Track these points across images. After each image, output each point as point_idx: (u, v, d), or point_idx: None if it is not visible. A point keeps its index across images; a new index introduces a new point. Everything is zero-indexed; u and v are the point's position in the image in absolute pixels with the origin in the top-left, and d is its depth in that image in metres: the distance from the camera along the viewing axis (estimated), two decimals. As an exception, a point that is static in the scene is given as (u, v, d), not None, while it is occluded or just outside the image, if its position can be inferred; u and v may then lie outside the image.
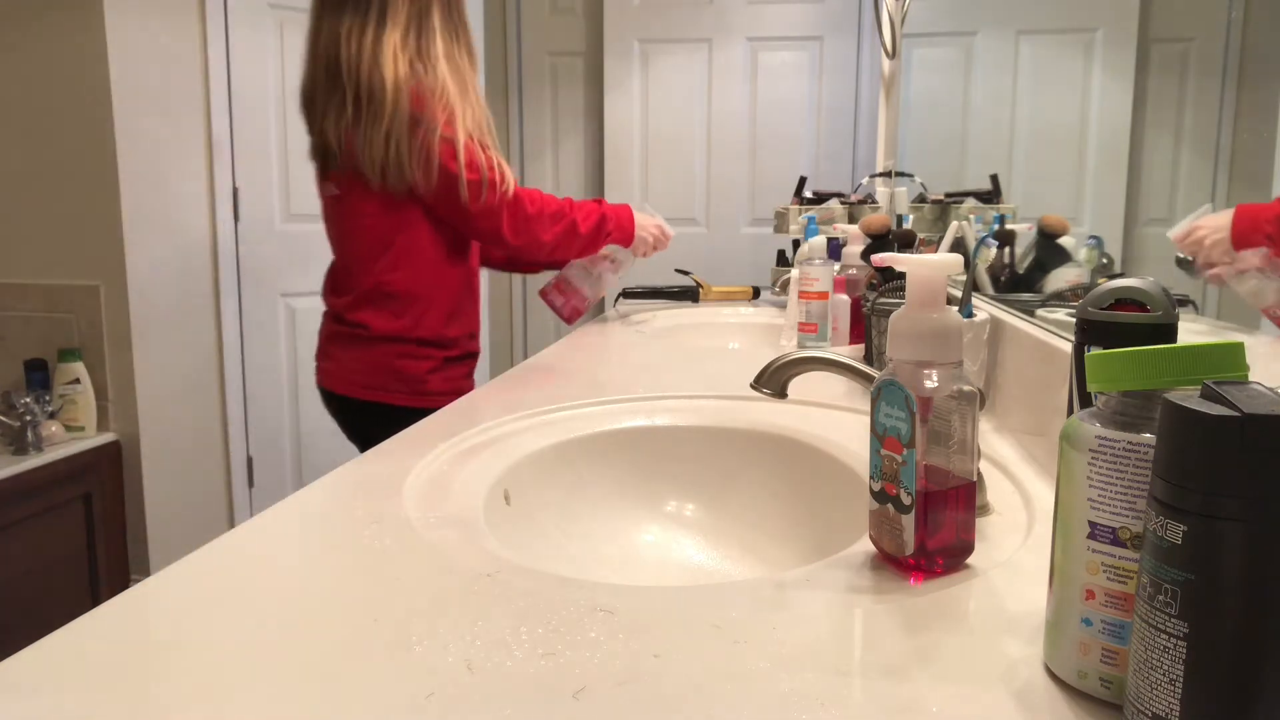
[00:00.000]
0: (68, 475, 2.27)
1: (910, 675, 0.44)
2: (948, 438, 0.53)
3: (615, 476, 0.91)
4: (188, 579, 0.56)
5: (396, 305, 1.44)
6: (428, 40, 1.38)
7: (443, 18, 1.41)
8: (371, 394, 1.46)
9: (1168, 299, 0.49)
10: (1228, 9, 0.66)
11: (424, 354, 1.46)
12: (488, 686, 0.43)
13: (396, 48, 1.35)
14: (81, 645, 0.47)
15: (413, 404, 1.43)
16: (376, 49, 1.34)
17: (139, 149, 2.40)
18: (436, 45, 1.39)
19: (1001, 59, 1.27)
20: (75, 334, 2.41)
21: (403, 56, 1.35)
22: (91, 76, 2.33)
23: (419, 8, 1.38)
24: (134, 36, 2.37)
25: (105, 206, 2.37)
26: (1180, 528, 0.33)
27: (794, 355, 0.72)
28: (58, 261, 2.41)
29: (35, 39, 2.34)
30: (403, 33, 1.36)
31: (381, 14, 1.36)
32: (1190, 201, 0.69)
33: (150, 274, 2.45)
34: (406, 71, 1.35)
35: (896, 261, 0.58)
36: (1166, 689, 0.34)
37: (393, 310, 1.44)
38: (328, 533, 0.63)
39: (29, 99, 2.37)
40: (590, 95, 3.27)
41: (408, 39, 1.37)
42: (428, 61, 1.37)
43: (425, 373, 1.46)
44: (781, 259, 2.28)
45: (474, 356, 1.56)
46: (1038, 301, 0.98)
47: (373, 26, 1.35)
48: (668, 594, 0.54)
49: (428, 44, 1.38)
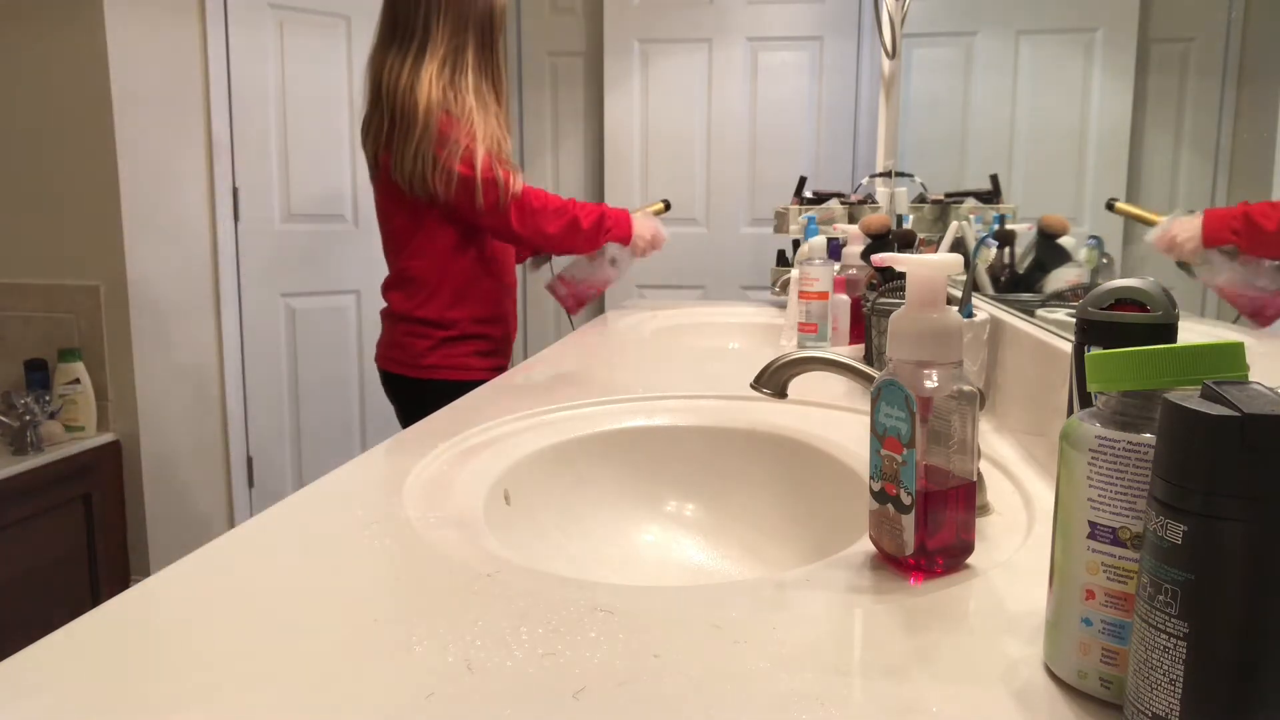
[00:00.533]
0: (68, 475, 2.27)
1: (910, 675, 0.44)
2: (948, 438, 0.53)
3: (615, 476, 0.91)
4: (188, 579, 0.56)
5: (411, 289, 1.66)
6: (460, 73, 1.58)
7: (476, 55, 1.61)
8: (387, 364, 1.70)
9: (1168, 299, 0.49)
10: (1228, 9, 0.66)
11: (423, 332, 1.65)
12: (488, 686, 0.43)
13: (433, 77, 1.55)
14: (81, 645, 0.47)
15: (410, 374, 1.66)
16: (414, 77, 1.55)
17: (139, 149, 2.40)
18: (468, 78, 1.59)
19: (1001, 59, 1.27)
20: (75, 334, 2.41)
21: (437, 85, 1.55)
22: (91, 76, 2.33)
23: (456, 44, 1.58)
24: (134, 36, 2.37)
25: (105, 206, 2.37)
26: (1180, 528, 0.33)
27: (794, 355, 0.72)
28: (58, 261, 2.41)
29: (35, 39, 2.34)
30: (439, 65, 1.56)
31: (422, 48, 1.57)
32: (1190, 201, 0.69)
33: (150, 274, 2.45)
34: (439, 98, 1.54)
35: (896, 261, 0.58)
36: (1166, 689, 0.34)
37: (407, 293, 1.66)
38: (328, 533, 0.63)
39: (29, 99, 2.37)
40: (590, 95, 3.27)
41: (443, 70, 1.57)
42: (459, 91, 1.57)
43: (424, 349, 1.65)
44: (781, 259, 2.28)
45: (481, 339, 1.70)
46: (1038, 301, 0.98)
47: (413, 58, 1.56)
48: (668, 594, 0.54)
49: (460, 76, 1.58)
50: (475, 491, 0.75)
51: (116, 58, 2.33)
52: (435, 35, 1.56)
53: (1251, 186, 0.61)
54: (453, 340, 1.66)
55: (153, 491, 2.51)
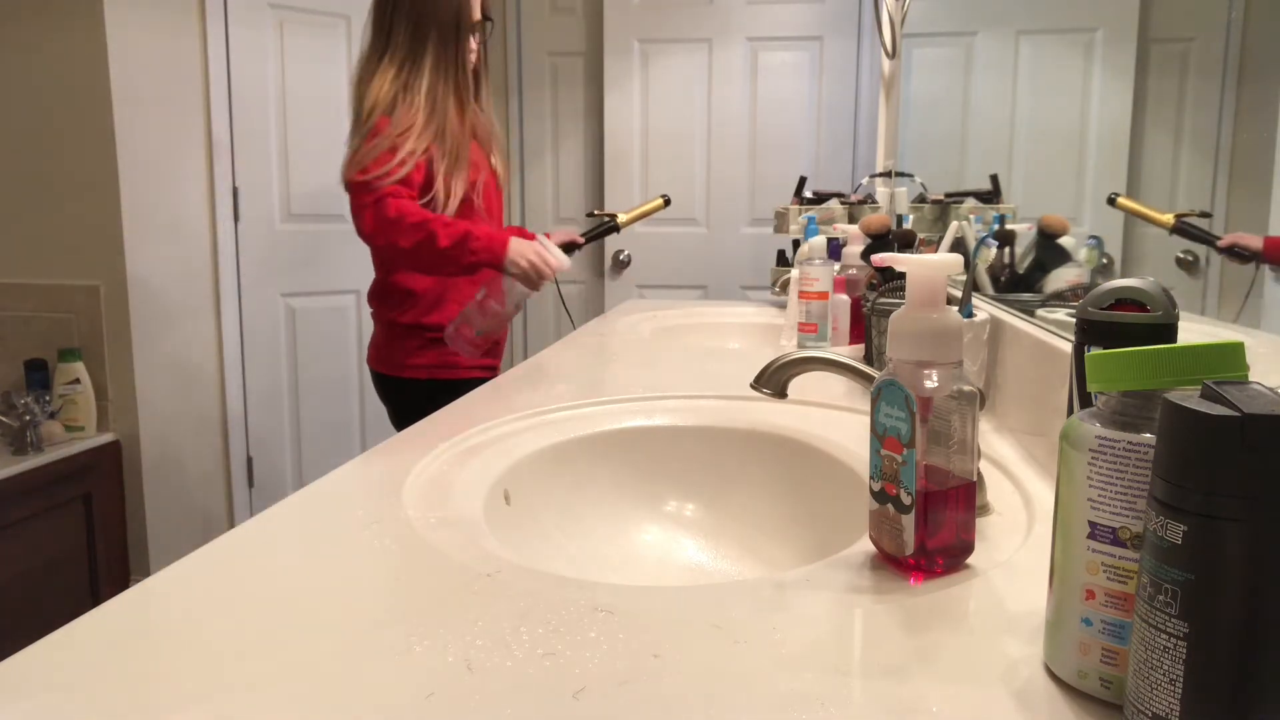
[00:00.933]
0: (68, 475, 2.27)
1: (910, 675, 0.44)
2: (948, 438, 0.53)
3: (615, 476, 0.91)
4: (188, 579, 0.56)
5: (392, 299, 1.71)
6: (416, 76, 1.60)
7: (436, 58, 1.62)
8: (377, 364, 1.76)
9: (1168, 299, 0.49)
10: (1228, 9, 0.66)
11: (408, 334, 1.70)
12: (488, 687, 0.43)
13: (387, 79, 1.59)
14: (81, 645, 0.47)
15: (399, 375, 1.71)
16: (370, 76, 1.61)
17: (139, 149, 2.40)
18: (423, 80, 1.60)
19: (1001, 59, 1.27)
20: (75, 334, 2.41)
21: (390, 87, 1.58)
22: (91, 76, 2.33)
23: (414, 48, 1.61)
24: (134, 36, 2.37)
25: (105, 206, 2.37)
26: (1180, 528, 0.33)
27: (794, 355, 0.72)
28: (58, 261, 2.41)
29: (35, 39, 2.34)
30: (396, 68, 1.60)
31: (383, 51, 1.61)
32: (1190, 201, 0.69)
33: (150, 274, 2.45)
34: (387, 100, 1.58)
35: (896, 261, 0.58)
36: (1166, 689, 0.34)
37: (388, 303, 1.72)
38: (328, 533, 0.63)
39: (29, 99, 2.37)
40: (590, 95, 3.27)
41: (400, 73, 1.60)
42: (412, 94, 1.59)
43: (412, 348, 1.70)
44: (781, 259, 2.28)
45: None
46: (1038, 301, 0.98)
47: (374, 60, 1.62)
48: (668, 594, 0.54)
49: (416, 79, 1.60)
50: (475, 492, 0.75)
51: (116, 58, 2.33)
52: (396, 38, 1.60)
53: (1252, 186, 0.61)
54: (439, 341, 1.67)
55: (153, 491, 2.51)
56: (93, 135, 2.35)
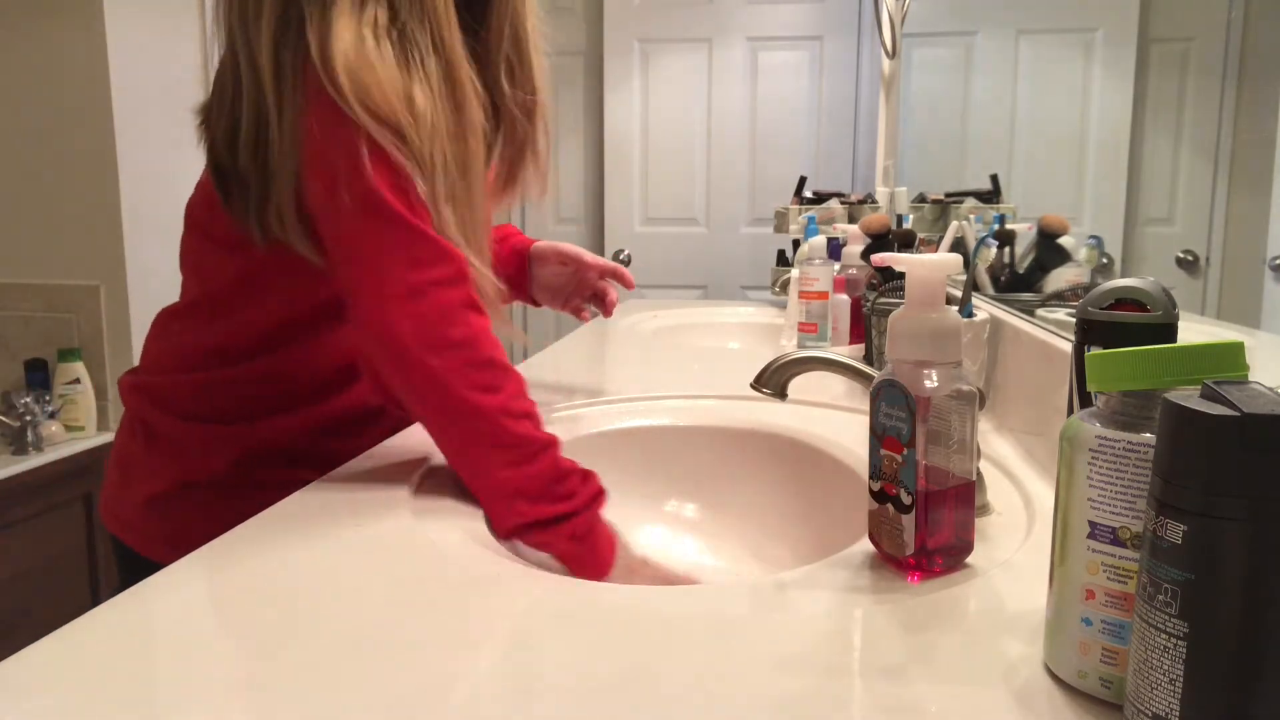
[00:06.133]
0: (68, 475, 2.27)
1: (910, 675, 0.44)
2: (947, 437, 0.53)
3: (615, 476, 0.91)
4: (188, 579, 0.56)
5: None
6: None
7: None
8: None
9: (1168, 299, 0.49)
10: (1228, 9, 0.66)
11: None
12: (488, 686, 0.43)
13: None
14: (81, 645, 0.47)
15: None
16: None
17: (139, 149, 2.40)
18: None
19: (1001, 59, 1.27)
20: (75, 334, 2.41)
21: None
22: (91, 76, 2.33)
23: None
24: (134, 36, 2.37)
25: (105, 206, 2.37)
26: (1180, 528, 0.33)
27: (794, 355, 0.72)
28: (58, 261, 2.41)
29: (35, 39, 2.34)
30: None
31: None
32: (1190, 201, 0.69)
33: (150, 274, 2.45)
34: None
35: (896, 261, 0.58)
36: (1166, 689, 0.34)
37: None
38: (328, 533, 0.63)
39: (29, 99, 2.37)
40: (590, 95, 3.27)
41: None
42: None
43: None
44: (781, 259, 2.28)
45: None
46: (1038, 301, 0.98)
47: None
48: (668, 594, 0.54)
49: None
50: (475, 491, 0.75)
51: (117, 58, 2.33)
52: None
53: (1252, 187, 0.61)
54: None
55: (153, 491, 2.50)
56: (93, 135, 2.35)
